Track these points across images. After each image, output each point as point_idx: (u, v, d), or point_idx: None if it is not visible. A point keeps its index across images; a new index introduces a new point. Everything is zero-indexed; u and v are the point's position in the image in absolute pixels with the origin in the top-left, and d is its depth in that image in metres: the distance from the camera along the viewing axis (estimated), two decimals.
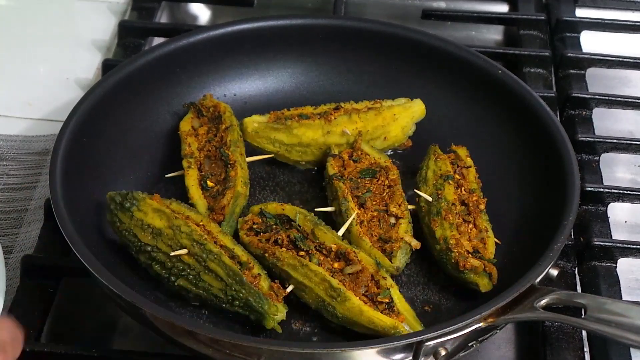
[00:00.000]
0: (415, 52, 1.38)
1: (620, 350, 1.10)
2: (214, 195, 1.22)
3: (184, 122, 1.31)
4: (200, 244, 1.11)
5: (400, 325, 1.06)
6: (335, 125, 1.29)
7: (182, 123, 1.31)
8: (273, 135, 1.30)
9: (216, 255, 1.10)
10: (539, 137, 1.24)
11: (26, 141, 1.42)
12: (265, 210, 1.19)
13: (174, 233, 1.11)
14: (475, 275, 1.13)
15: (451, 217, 1.18)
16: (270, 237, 1.15)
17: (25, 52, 1.59)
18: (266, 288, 1.10)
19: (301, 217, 1.17)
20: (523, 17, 1.61)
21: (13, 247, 1.26)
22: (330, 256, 1.13)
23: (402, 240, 1.16)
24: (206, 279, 1.10)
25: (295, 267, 1.11)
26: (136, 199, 1.14)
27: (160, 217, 1.13)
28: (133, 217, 1.13)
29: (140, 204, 1.14)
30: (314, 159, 1.31)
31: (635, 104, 1.43)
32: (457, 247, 1.14)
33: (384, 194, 1.22)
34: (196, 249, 1.10)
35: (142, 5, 1.64)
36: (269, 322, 1.08)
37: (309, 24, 1.41)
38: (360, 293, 1.10)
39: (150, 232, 1.12)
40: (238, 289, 1.08)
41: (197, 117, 1.31)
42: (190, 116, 1.31)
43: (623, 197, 1.28)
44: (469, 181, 1.23)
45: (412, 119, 1.31)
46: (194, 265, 1.10)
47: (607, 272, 1.20)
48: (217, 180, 1.24)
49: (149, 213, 1.13)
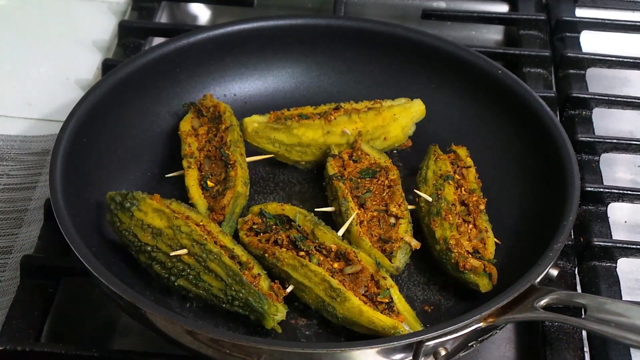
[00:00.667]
0: (415, 52, 1.38)
1: (620, 350, 1.10)
2: (214, 195, 1.22)
3: (184, 122, 1.31)
4: (200, 244, 1.11)
5: (400, 325, 1.06)
6: (335, 125, 1.29)
7: (182, 123, 1.31)
8: (273, 136, 1.30)
9: (216, 255, 1.10)
10: (539, 137, 1.24)
11: (26, 141, 1.42)
12: (265, 210, 1.19)
13: (174, 233, 1.11)
14: (475, 276, 1.13)
15: (451, 217, 1.18)
16: (270, 237, 1.15)
17: (25, 52, 1.59)
18: (266, 288, 1.10)
19: (301, 217, 1.17)
20: (523, 17, 1.61)
21: (13, 247, 1.26)
22: (330, 256, 1.13)
23: (402, 241, 1.16)
24: (206, 279, 1.10)
25: (295, 267, 1.11)
26: (136, 199, 1.14)
27: (160, 217, 1.13)
28: (133, 217, 1.13)
29: (140, 204, 1.14)
30: (314, 159, 1.31)
31: (635, 104, 1.43)
32: (457, 247, 1.14)
33: (383, 194, 1.22)
34: (196, 249, 1.10)
35: (142, 5, 1.64)
36: (269, 322, 1.08)
37: (309, 24, 1.41)
38: (360, 293, 1.10)
39: (150, 232, 1.12)
40: (238, 289, 1.08)
41: (197, 117, 1.31)
42: (190, 116, 1.32)
43: (623, 197, 1.28)
44: (469, 181, 1.23)
45: (412, 119, 1.31)
46: (194, 265, 1.10)
47: (607, 272, 1.20)
48: (217, 180, 1.24)
49: (149, 213, 1.13)
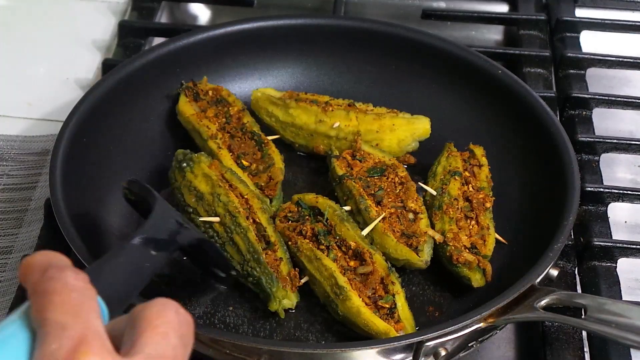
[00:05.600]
0: (415, 52, 1.38)
1: (620, 350, 1.09)
2: (254, 173, 1.24)
3: (185, 106, 1.30)
4: (233, 216, 1.13)
5: (392, 331, 1.06)
6: (329, 117, 1.29)
7: (182, 106, 1.30)
8: (270, 109, 1.32)
9: (243, 229, 1.12)
10: (539, 137, 1.24)
11: (26, 141, 1.42)
12: (302, 200, 1.20)
13: (213, 200, 1.15)
14: (468, 270, 1.13)
15: (452, 211, 1.18)
16: (297, 227, 1.16)
17: (25, 52, 1.59)
18: (284, 273, 1.12)
19: (330, 212, 1.18)
20: (523, 17, 1.61)
21: (13, 247, 1.26)
22: (348, 254, 1.14)
23: (426, 235, 1.16)
24: (229, 250, 1.13)
25: (310, 259, 1.13)
26: (192, 161, 1.18)
27: (206, 182, 1.16)
28: (185, 177, 1.17)
29: (194, 166, 1.17)
30: (306, 143, 1.32)
31: (635, 104, 1.43)
32: (453, 240, 1.15)
33: (397, 190, 1.22)
34: (227, 219, 1.13)
35: (142, 5, 1.64)
36: (273, 305, 1.09)
37: (309, 24, 1.41)
38: (366, 295, 1.10)
39: (195, 195, 1.16)
40: (253, 266, 1.11)
41: (193, 101, 1.31)
42: (187, 99, 1.31)
43: (623, 197, 1.28)
44: (479, 180, 1.24)
45: (412, 134, 1.29)
46: (222, 234, 1.13)
47: (607, 272, 1.20)
48: (253, 159, 1.25)
49: (198, 176, 1.17)
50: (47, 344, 0.61)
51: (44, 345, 0.61)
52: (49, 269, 0.65)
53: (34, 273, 0.66)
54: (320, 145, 1.31)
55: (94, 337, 0.62)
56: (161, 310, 0.67)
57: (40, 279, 0.65)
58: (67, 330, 0.62)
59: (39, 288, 0.64)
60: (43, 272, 0.65)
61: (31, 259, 0.67)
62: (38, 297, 0.64)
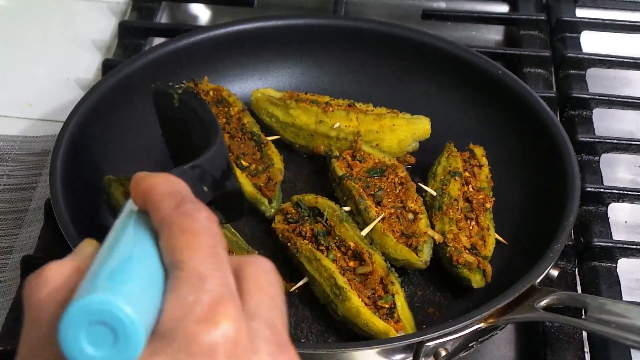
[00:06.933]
0: (416, 52, 1.38)
1: (621, 350, 1.09)
2: (253, 174, 1.24)
3: None
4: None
5: (392, 331, 1.06)
6: (330, 117, 1.29)
7: None
8: (271, 109, 1.32)
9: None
10: (539, 137, 1.24)
11: (26, 141, 1.41)
12: (301, 201, 1.20)
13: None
14: (469, 271, 1.13)
15: (452, 212, 1.18)
16: (296, 228, 1.16)
17: (25, 52, 1.59)
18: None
19: (330, 212, 1.18)
20: (523, 17, 1.61)
21: (13, 248, 1.26)
22: (348, 254, 1.14)
23: (426, 235, 1.16)
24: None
25: (309, 260, 1.12)
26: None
27: None
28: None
29: None
30: (306, 144, 1.32)
31: (635, 104, 1.43)
32: (453, 241, 1.15)
33: (397, 191, 1.22)
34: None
35: (142, 5, 1.64)
36: None
37: (309, 24, 1.41)
38: (366, 295, 1.10)
39: None
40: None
41: None
42: None
43: (623, 198, 1.28)
44: (479, 180, 1.24)
45: (412, 135, 1.29)
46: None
47: (608, 272, 1.20)
48: (252, 160, 1.26)
49: None
50: (184, 292, 0.57)
51: (181, 293, 0.57)
52: (185, 203, 0.60)
53: (164, 200, 0.61)
54: (320, 145, 1.31)
55: (231, 298, 0.57)
56: (267, 272, 0.62)
57: (175, 211, 0.60)
58: (206, 283, 0.57)
59: (175, 222, 0.59)
60: (178, 204, 0.60)
61: (153, 179, 0.62)
62: (174, 233, 0.59)
